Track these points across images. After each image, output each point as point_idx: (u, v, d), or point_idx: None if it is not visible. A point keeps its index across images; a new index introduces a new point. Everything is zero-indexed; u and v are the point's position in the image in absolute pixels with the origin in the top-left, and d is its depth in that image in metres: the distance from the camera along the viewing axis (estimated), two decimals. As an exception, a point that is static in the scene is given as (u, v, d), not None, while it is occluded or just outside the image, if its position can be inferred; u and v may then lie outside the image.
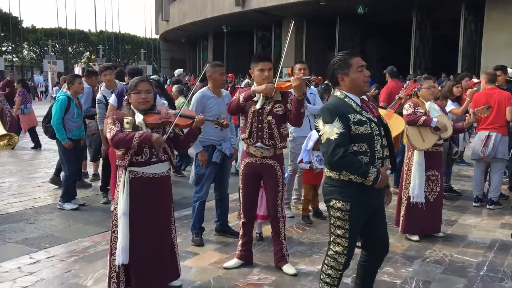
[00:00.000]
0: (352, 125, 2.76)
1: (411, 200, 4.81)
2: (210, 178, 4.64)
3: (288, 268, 3.96)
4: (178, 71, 14.67)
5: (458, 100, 6.99)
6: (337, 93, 2.92)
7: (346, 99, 2.86)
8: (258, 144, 3.86)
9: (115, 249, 3.33)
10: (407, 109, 4.87)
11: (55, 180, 6.95)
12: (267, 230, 4.83)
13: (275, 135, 3.85)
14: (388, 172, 2.86)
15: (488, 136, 5.94)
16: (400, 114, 4.98)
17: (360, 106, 2.87)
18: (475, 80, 7.68)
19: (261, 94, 3.82)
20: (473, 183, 6.30)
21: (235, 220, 5.32)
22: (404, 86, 5.69)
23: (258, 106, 3.83)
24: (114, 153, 3.92)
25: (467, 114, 5.32)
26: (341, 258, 2.93)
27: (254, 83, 4.00)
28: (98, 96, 6.11)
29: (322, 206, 5.82)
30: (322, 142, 2.82)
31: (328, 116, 2.78)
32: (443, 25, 23.52)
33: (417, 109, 4.85)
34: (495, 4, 18.34)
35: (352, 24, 26.26)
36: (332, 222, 2.93)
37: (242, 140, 4.01)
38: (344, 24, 25.87)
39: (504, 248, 4.66)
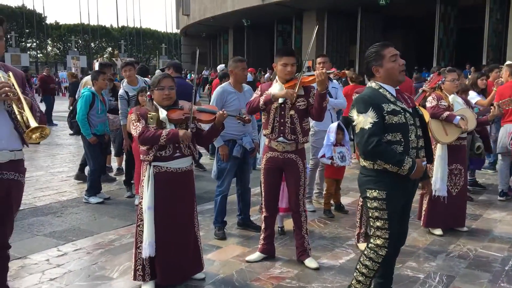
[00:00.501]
0: (386, 114, 2.79)
1: (433, 193, 4.77)
2: (231, 172, 4.68)
3: (310, 262, 3.97)
4: (221, 67, 14.70)
5: (484, 92, 6.87)
6: (372, 84, 2.95)
7: (381, 90, 2.90)
8: (280, 138, 3.88)
9: (140, 242, 3.42)
10: (430, 102, 4.82)
11: (80, 176, 7.09)
12: (288, 224, 4.85)
13: (297, 129, 3.86)
14: (424, 163, 2.87)
15: (513, 130, 5.83)
16: (424, 106, 4.93)
17: (394, 97, 2.90)
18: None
19: (284, 88, 3.82)
20: (499, 176, 6.20)
21: (256, 214, 5.36)
22: (428, 79, 5.63)
23: (280, 100, 3.84)
24: (137, 148, 3.99)
25: (491, 107, 5.23)
26: (382, 251, 2.92)
27: (276, 77, 4.00)
28: (121, 92, 6.20)
29: (344, 200, 5.82)
30: (356, 131, 2.85)
31: (362, 106, 2.82)
32: (467, 15, 23.02)
33: (441, 102, 4.79)
34: (521, -8, 17.86)
35: (374, 16, 25.93)
36: (370, 214, 2.94)
37: (264, 135, 4.03)
38: (366, 16, 25.55)
39: (530, 243, 4.59)
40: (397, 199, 2.88)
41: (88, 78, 7.40)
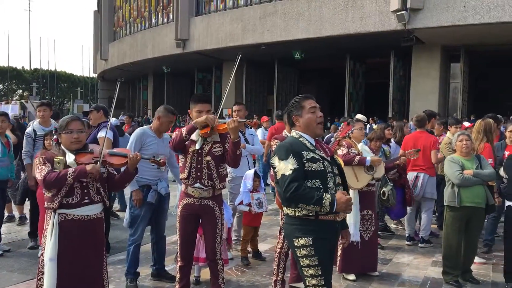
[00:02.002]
0: (305, 161, 2.87)
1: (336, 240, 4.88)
2: (145, 219, 4.50)
3: (226, 312, 3.85)
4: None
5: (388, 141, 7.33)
6: (293, 133, 3.06)
7: (301, 139, 2.99)
8: (197, 184, 3.82)
9: (41, 298, 3.12)
10: (342, 150, 5.04)
11: None
12: (205, 273, 4.72)
13: (213, 175, 3.83)
14: (347, 197, 2.86)
15: (417, 177, 6.24)
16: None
17: (313, 145, 3.00)
18: (466, 124, 8.09)
19: (200, 135, 3.81)
20: (405, 222, 6.54)
21: (172, 264, 5.15)
22: (339, 128, 5.92)
23: (197, 146, 3.82)
24: (42, 195, 3.72)
25: (398, 156, 5.58)
26: None
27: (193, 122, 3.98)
28: (28, 130, 5.86)
29: (261, 247, 5.79)
30: (278, 178, 2.88)
31: (283, 153, 2.89)
32: (374, 71, 24.93)
33: (351, 150, 5.03)
34: (421, 52, 19.73)
35: (290, 68, 27.25)
36: (301, 264, 2.89)
37: (181, 180, 3.95)
38: (283, 68, 26.78)
39: (436, 285, 4.81)
40: (324, 244, 2.89)
41: None
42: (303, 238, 2.87)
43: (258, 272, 5.09)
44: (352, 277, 4.92)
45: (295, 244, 2.91)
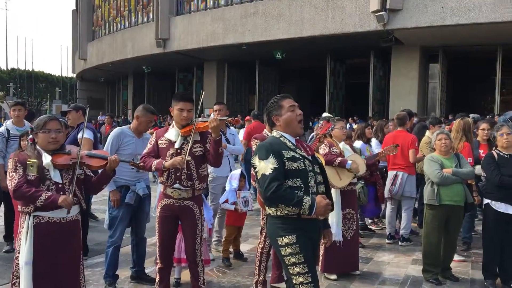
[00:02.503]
0: (286, 161, 2.87)
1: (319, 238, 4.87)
2: (124, 220, 4.42)
3: (207, 314, 3.80)
4: None
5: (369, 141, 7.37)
6: (274, 133, 3.06)
7: (281, 138, 2.99)
8: (176, 185, 3.75)
9: (15, 303, 3.02)
10: (323, 149, 5.04)
11: None
12: (186, 275, 4.66)
13: (193, 175, 3.77)
14: (327, 201, 2.86)
15: (396, 176, 6.28)
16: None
17: (294, 145, 2.99)
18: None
19: (180, 133, 3.76)
20: (386, 220, 6.57)
21: (152, 266, 5.07)
22: (319, 125, 5.94)
23: (176, 145, 3.76)
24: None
25: (378, 152, 5.61)
26: None
27: (173, 122, 3.92)
28: (1, 129, 5.73)
29: (243, 247, 5.76)
30: (258, 178, 2.88)
31: (264, 153, 2.88)
32: (355, 71, 25.11)
33: (332, 149, 5.03)
34: (400, 53, 19.92)
35: (271, 68, 27.25)
36: (287, 262, 2.88)
37: (160, 182, 3.88)
38: (264, 68, 26.77)
39: (416, 283, 4.84)
40: (307, 242, 2.89)
41: None
42: (287, 237, 2.87)
43: (239, 273, 5.04)
44: (333, 276, 4.92)
45: (279, 243, 2.89)
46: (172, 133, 3.82)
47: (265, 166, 2.84)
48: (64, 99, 53.23)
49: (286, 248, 2.87)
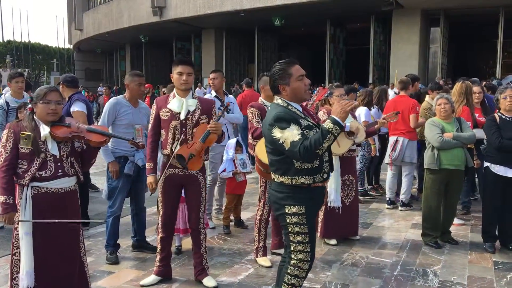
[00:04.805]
0: (303, 129, 2.81)
1: (328, 205, 4.90)
2: (124, 191, 4.41)
3: (208, 281, 3.84)
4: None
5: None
6: (279, 101, 2.94)
7: (289, 107, 2.91)
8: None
9: (17, 273, 3.05)
10: (321, 116, 4.98)
11: None
12: (186, 243, 4.70)
13: None
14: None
15: (396, 141, 6.25)
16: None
17: (302, 113, 2.94)
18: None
19: (183, 104, 3.71)
20: (386, 186, 6.59)
21: (153, 235, 5.12)
22: (315, 92, 5.87)
23: (182, 116, 3.71)
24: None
25: (378, 120, 5.55)
26: (305, 265, 2.95)
27: (174, 90, 3.86)
28: (0, 101, 5.66)
29: (243, 215, 5.79)
30: (287, 147, 2.77)
31: (284, 122, 2.80)
32: (355, 37, 24.77)
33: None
34: (400, 17, 19.61)
35: (270, 35, 26.89)
36: (290, 229, 2.93)
37: (163, 154, 3.84)
38: (263, 36, 26.41)
39: (415, 247, 4.88)
40: (314, 212, 2.96)
41: None
42: (296, 206, 2.88)
43: (240, 240, 5.08)
44: (333, 241, 4.95)
45: (286, 211, 2.90)
46: (175, 103, 3.75)
47: (291, 134, 2.76)
48: (62, 71, 52.77)
49: (292, 217, 2.90)
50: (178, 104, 3.74)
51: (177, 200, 3.95)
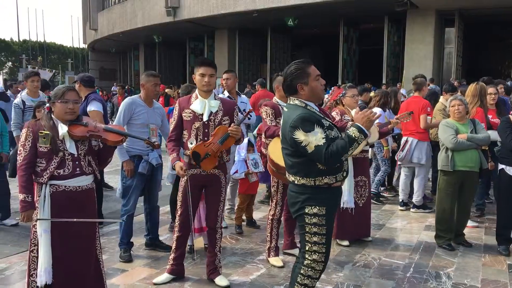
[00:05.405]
0: (326, 130, 2.82)
1: (341, 206, 4.90)
2: (137, 190, 4.46)
3: (220, 280, 3.87)
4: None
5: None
6: (296, 102, 2.94)
7: (308, 107, 2.91)
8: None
9: (34, 270, 3.11)
10: (335, 116, 4.98)
11: None
12: (198, 242, 4.74)
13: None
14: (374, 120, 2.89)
15: (406, 141, 6.22)
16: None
17: (320, 113, 2.94)
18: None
19: (205, 105, 3.74)
20: (399, 187, 6.55)
21: (166, 234, 5.16)
22: (330, 92, 5.86)
23: (205, 118, 3.74)
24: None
25: (391, 120, 5.52)
26: (319, 266, 2.95)
27: (196, 91, 3.89)
28: (16, 100, 5.75)
29: (255, 215, 5.80)
30: (311, 151, 2.78)
31: (307, 124, 2.79)
32: (368, 37, 24.61)
33: (344, 117, 4.97)
34: (414, 17, 19.43)
35: (283, 35, 26.82)
36: (307, 229, 2.93)
37: (186, 155, 3.86)
38: (276, 36, 26.35)
39: (429, 249, 4.86)
40: (333, 214, 2.98)
41: None
42: (317, 207, 2.89)
43: (252, 240, 5.10)
44: (345, 243, 4.94)
45: (307, 211, 2.91)
46: (197, 104, 3.77)
47: (315, 138, 2.76)
48: (76, 70, 53.28)
49: (312, 217, 2.90)
50: (201, 105, 3.77)
51: (198, 200, 3.98)
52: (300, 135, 2.80)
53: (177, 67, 34.23)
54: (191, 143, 3.73)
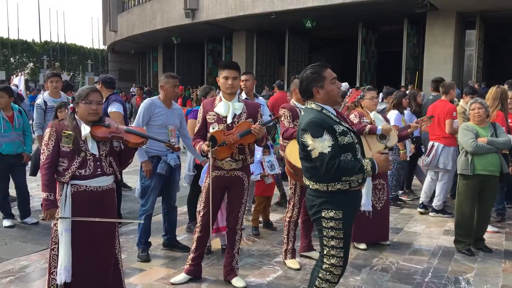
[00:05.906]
0: (338, 136, 2.80)
1: (359, 208, 4.86)
2: (156, 190, 4.50)
3: (237, 281, 3.88)
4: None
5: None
6: (312, 105, 2.93)
7: (324, 111, 2.89)
8: (227, 158, 3.78)
9: (54, 268, 3.16)
10: (352, 119, 4.96)
11: None
12: (215, 243, 4.76)
13: (245, 150, 3.82)
14: (384, 155, 2.90)
15: (432, 146, 6.15)
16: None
17: (337, 117, 2.92)
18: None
19: (229, 107, 3.77)
20: (422, 189, 6.46)
21: (183, 234, 5.20)
22: (348, 94, 5.82)
23: (229, 120, 3.77)
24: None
25: (410, 124, 5.47)
26: (337, 270, 2.93)
27: (220, 93, 3.91)
28: (38, 101, 5.85)
29: (272, 217, 5.81)
30: (314, 156, 2.79)
31: (316, 130, 2.78)
32: (387, 39, 24.42)
33: (363, 119, 4.95)
34: (434, 19, 19.22)
35: (301, 37, 26.80)
36: (324, 233, 2.92)
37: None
38: (294, 38, 26.34)
39: (447, 254, 4.80)
40: (351, 218, 2.94)
41: None
42: (334, 211, 2.87)
43: (268, 242, 5.11)
44: (363, 246, 4.92)
45: (323, 215, 2.89)
46: (221, 107, 3.80)
47: (322, 145, 2.75)
48: (96, 71, 53.98)
49: (329, 221, 2.88)
50: (225, 107, 3.79)
51: (220, 202, 4.00)
52: (308, 139, 2.81)
53: (195, 69, 34.44)
54: (213, 128, 3.75)
